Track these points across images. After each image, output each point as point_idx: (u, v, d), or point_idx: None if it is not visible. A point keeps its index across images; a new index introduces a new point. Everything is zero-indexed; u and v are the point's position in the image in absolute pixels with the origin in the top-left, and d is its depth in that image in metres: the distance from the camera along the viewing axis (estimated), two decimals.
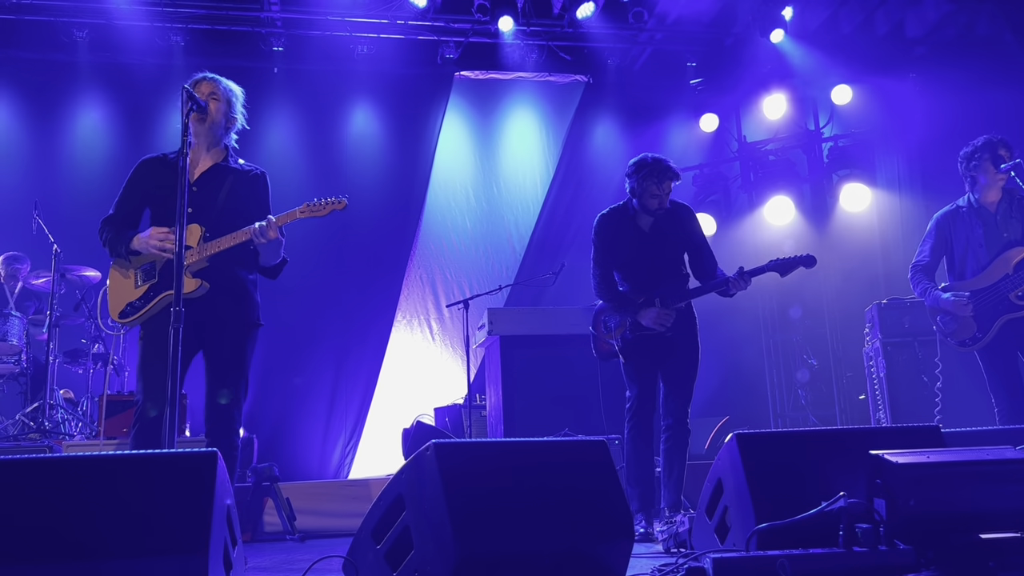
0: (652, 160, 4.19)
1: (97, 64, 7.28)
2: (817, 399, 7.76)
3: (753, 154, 8.21)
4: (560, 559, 2.40)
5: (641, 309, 4.19)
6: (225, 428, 3.44)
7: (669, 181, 4.18)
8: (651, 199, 4.19)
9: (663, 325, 4.15)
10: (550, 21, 7.75)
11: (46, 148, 7.27)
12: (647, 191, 4.17)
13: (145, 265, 3.49)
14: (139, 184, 3.60)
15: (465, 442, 2.59)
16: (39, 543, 2.03)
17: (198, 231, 3.43)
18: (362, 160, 7.83)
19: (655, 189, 4.16)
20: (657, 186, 4.15)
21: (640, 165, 4.20)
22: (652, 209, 4.21)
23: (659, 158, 4.21)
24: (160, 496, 2.12)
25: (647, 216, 4.26)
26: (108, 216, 3.60)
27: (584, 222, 6.96)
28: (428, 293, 7.95)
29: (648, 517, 4.05)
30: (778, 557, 2.08)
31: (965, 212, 4.57)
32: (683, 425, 4.17)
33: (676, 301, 4.20)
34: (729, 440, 2.68)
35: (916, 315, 5.64)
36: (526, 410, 5.75)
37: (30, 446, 5.31)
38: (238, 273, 3.55)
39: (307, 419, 7.30)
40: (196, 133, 3.53)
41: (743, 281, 4.09)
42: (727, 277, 4.15)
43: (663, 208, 4.21)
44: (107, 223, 3.58)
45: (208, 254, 3.41)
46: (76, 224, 6.50)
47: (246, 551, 3.25)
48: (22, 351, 6.06)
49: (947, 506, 2.20)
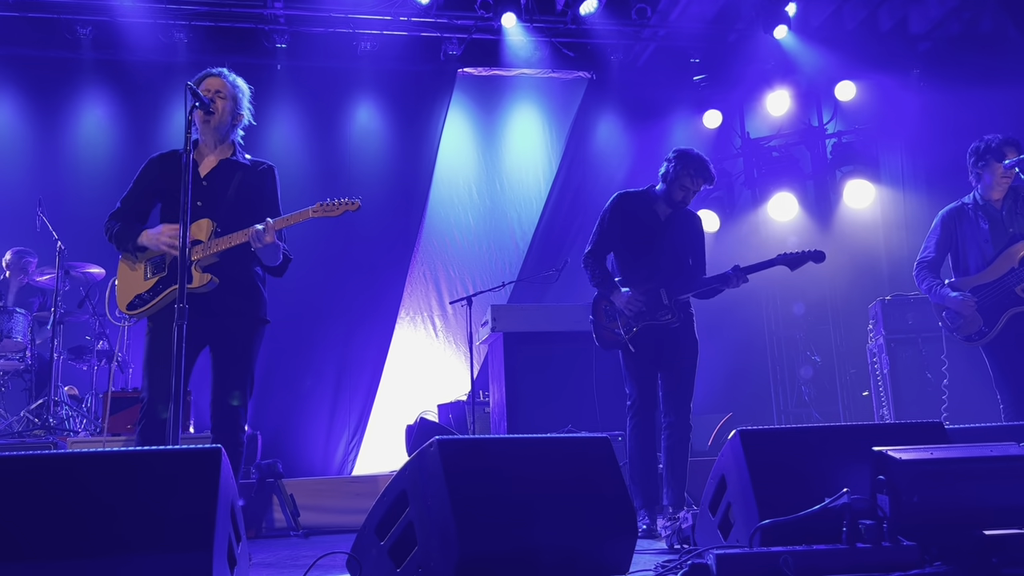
0: (697, 155, 4.26)
1: (101, 61, 7.29)
2: (820, 396, 7.75)
3: (756, 150, 8.21)
4: (563, 555, 2.40)
5: (615, 290, 4.22)
6: (231, 425, 3.44)
7: (703, 181, 4.24)
8: (679, 190, 4.25)
9: (630, 310, 4.16)
10: (553, 17, 7.74)
11: (50, 145, 7.27)
12: (680, 181, 4.22)
13: (155, 258, 3.49)
14: (149, 180, 3.60)
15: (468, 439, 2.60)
16: (44, 540, 2.03)
17: (209, 226, 3.44)
18: (365, 157, 7.84)
19: (688, 182, 4.22)
20: (691, 180, 4.22)
21: (683, 153, 4.27)
22: (676, 200, 4.26)
23: (704, 157, 4.27)
24: (164, 492, 2.12)
25: (666, 207, 4.30)
26: (115, 211, 3.60)
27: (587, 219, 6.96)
28: (431, 290, 7.95)
29: (651, 514, 4.04)
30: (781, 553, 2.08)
31: (971, 209, 4.57)
32: (684, 422, 4.18)
33: (679, 293, 4.20)
34: (732, 437, 2.68)
35: (920, 311, 5.63)
36: (529, 407, 5.75)
37: (35, 442, 5.33)
38: (247, 269, 3.55)
39: (311, 416, 7.31)
40: (203, 130, 3.55)
41: (739, 279, 4.13)
42: (725, 273, 4.16)
43: (686, 203, 4.28)
44: (114, 217, 3.58)
45: (217, 250, 3.42)
46: (80, 221, 6.52)
47: (250, 547, 3.26)
48: (27, 348, 6.07)
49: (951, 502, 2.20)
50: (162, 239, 3.41)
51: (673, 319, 4.18)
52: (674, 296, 4.19)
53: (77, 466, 2.15)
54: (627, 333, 4.20)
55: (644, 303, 4.19)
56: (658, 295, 4.19)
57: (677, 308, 4.20)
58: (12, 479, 2.09)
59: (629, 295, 4.20)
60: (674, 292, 4.19)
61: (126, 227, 3.52)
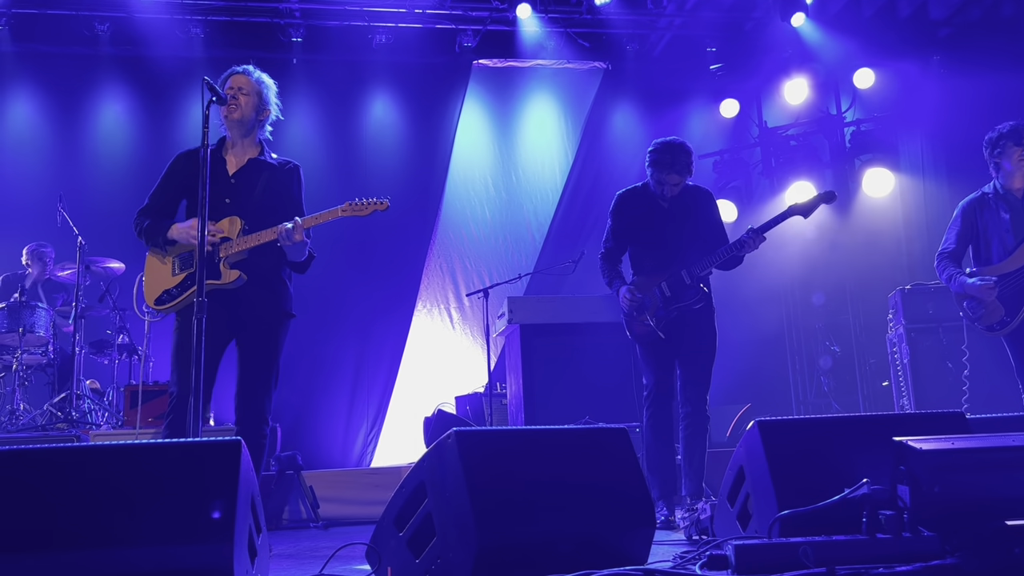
0: (663, 148, 4.17)
1: (118, 57, 7.34)
2: (840, 386, 7.71)
3: (774, 139, 8.14)
4: (581, 546, 2.41)
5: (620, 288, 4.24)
6: (255, 418, 3.47)
7: (676, 173, 4.15)
8: (657, 184, 4.22)
9: (626, 306, 4.19)
10: (568, 8, 7.71)
11: (70, 141, 7.34)
12: (654, 176, 4.20)
13: (183, 254, 3.53)
14: (176, 176, 3.64)
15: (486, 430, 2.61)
16: (66, 531, 2.06)
17: (239, 223, 3.49)
18: (381, 150, 7.85)
19: (661, 176, 4.17)
20: (663, 174, 4.15)
21: (652, 150, 4.21)
22: (661, 192, 4.23)
23: (670, 147, 4.16)
24: (186, 484, 2.14)
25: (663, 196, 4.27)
26: (143, 207, 3.65)
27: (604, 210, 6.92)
28: (448, 282, 7.96)
29: (669, 505, 4.04)
30: (800, 544, 2.07)
31: (991, 198, 4.52)
32: (702, 412, 4.16)
33: (699, 269, 4.16)
34: (751, 427, 2.67)
35: (940, 301, 5.58)
36: (546, 398, 5.75)
37: (58, 436, 5.39)
38: (274, 264, 3.59)
39: (329, 408, 7.35)
40: (229, 127, 3.61)
41: (755, 240, 4.05)
42: (740, 238, 4.09)
43: (672, 193, 4.22)
44: (143, 213, 3.63)
45: (246, 247, 3.45)
46: (100, 216, 6.59)
47: (270, 539, 3.29)
48: (49, 342, 6.15)
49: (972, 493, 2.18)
50: (192, 232, 3.45)
51: (697, 299, 4.15)
52: (695, 273, 4.15)
53: (100, 458, 2.18)
54: (654, 320, 4.19)
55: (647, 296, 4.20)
56: (680, 278, 4.17)
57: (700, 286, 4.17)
58: (37, 471, 2.12)
59: (624, 290, 4.21)
60: (694, 269, 4.16)
61: (155, 222, 3.57)
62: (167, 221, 3.57)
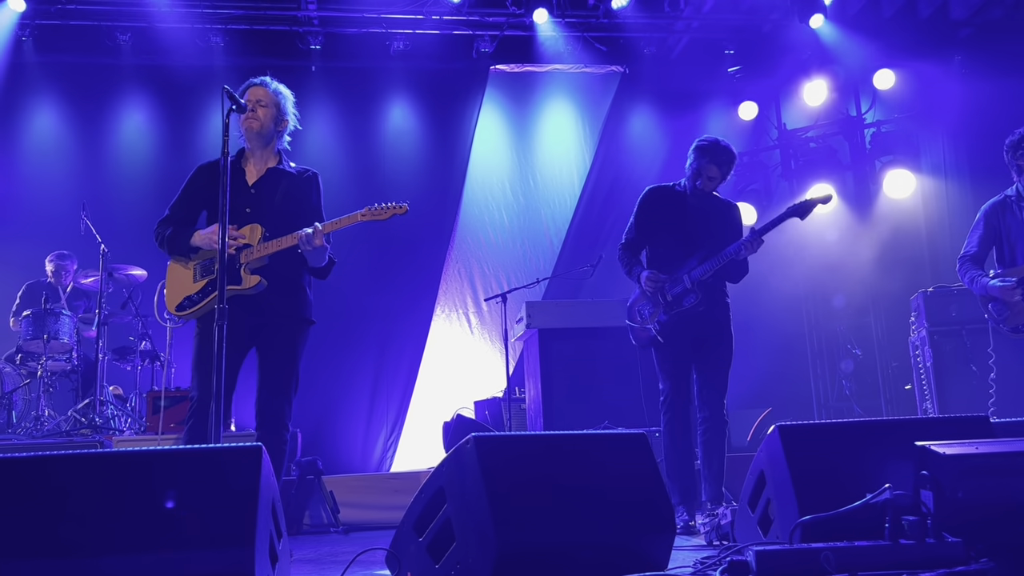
0: (711, 139, 4.26)
1: (140, 66, 7.43)
2: (862, 390, 7.63)
3: (793, 141, 8.09)
4: (601, 552, 2.40)
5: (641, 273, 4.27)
6: (275, 424, 3.49)
7: (716, 166, 4.20)
8: (695, 176, 4.24)
9: (650, 286, 4.21)
10: (585, 12, 7.70)
11: (92, 150, 7.43)
12: (698, 169, 4.22)
13: (205, 261, 3.57)
14: (197, 188, 3.68)
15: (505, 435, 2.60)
16: (90, 536, 2.08)
17: (259, 230, 3.52)
18: (399, 156, 7.88)
19: (705, 169, 4.21)
20: (707, 166, 4.20)
21: (699, 140, 4.28)
22: (698, 187, 4.25)
23: (719, 142, 4.25)
24: (207, 490, 2.16)
25: (695, 199, 4.29)
26: (164, 217, 3.69)
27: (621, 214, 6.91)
28: (466, 287, 7.98)
29: (690, 510, 4.02)
30: (822, 550, 2.05)
31: (1014, 201, 4.49)
32: (720, 416, 4.14)
33: (699, 274, 4.15)
34: (772, 432, 2.65)
35: (963, 303, 5.51)
36: (565, 403, 5.74)
37: (82, 441, 5.45)
38: (295, 271, 3.62)
39: (349, 413, 7.38)
40: (248, 137, 3.64)
41: (754, 242, 4.04)
42: (738, 242, 4.09)
43: (708, 190, 4.26)
44: (164, 223, 3.67)
45: (266, 253, 3.48)
46: (122, 224, 6.66)
47: (291, 544, 3.31)
48: (73, 349, 6.22)
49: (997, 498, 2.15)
50: (214, 237, 3.48)
51: (698, 303, 4.14)
52: (695, 278, 4.14)
53: (123, 465, 2.20)
54: (655, 325, 4.21)
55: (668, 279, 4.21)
56: (681, 280, 4.18)
57: (701, 290, 4.16)
58: (60, 477, 2.15)
59: (647, 273, 4.24)
60: (695, 274, 4.15)
61: (177, 231, 3.61)
62: (189, 229, 3.61)
